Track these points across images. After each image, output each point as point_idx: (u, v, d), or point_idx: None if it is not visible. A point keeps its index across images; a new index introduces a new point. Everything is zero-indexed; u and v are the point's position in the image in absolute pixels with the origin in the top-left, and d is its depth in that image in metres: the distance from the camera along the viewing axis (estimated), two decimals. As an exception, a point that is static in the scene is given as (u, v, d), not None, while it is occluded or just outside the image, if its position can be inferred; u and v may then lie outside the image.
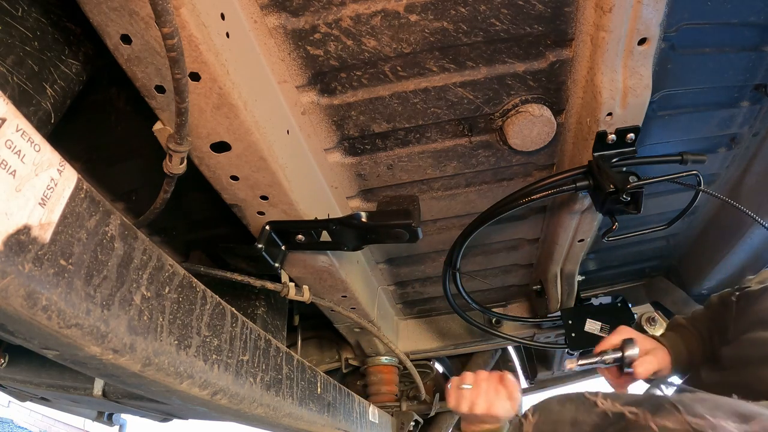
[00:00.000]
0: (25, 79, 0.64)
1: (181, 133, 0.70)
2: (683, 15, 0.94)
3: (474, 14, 0.85)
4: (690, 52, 1.03)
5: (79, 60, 0.73)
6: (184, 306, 0.62)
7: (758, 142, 1.34)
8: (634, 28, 0.87)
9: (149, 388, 0.60)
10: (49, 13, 0.68)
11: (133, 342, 0.51)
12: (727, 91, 1.16)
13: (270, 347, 0.85)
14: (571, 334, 1.67)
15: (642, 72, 0.95)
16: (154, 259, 0.57)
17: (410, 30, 0.87)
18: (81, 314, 0.44)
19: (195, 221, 1.34)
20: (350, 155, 1.12)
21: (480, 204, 1.28)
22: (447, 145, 1.11)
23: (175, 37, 0.56)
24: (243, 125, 0.77)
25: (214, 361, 0.66)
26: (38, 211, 0.41)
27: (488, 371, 1.12)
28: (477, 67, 0.95)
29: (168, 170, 0.77)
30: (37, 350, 0.47)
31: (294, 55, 0.88)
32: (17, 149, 0.39)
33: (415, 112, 1.02)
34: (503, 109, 1.03)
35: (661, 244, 1.80)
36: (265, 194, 0.94)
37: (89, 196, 0.47)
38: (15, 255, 0.38)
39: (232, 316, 0.74)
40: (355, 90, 0.96)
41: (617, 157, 1.07)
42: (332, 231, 1.02)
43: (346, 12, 0.83)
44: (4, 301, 0.38)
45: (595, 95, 0.96)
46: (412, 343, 2.02)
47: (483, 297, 1.89)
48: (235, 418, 0.84)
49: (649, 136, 1.18)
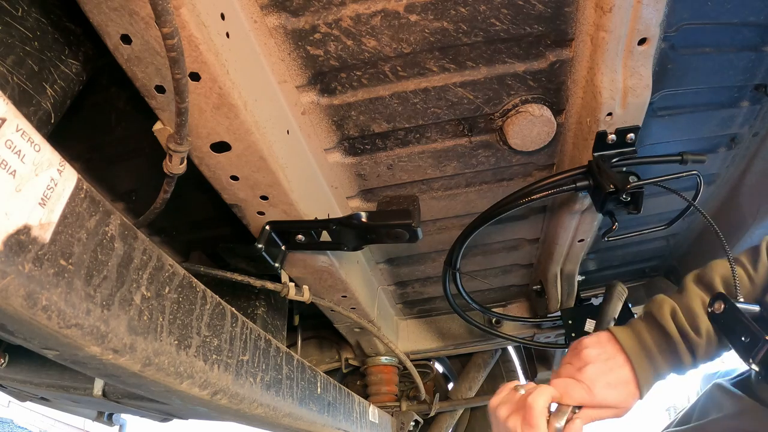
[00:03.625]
0: (25, 79, 0.64)
1: (181, 133, 0.70)
2: (683, 15, 0.94)
3: (474, 14, 0.85)
4: (690, 52, 1.03)
5: (79, 60, 0.73)
6: (184, 306, 0.62)
7: (758, 142, 1.34)
8: (634, 28, 0.87)
9: (149, 388, 0.60)
10: (49, 13, 0.68)
11: (133, 342, 0.51)
12: (727, 91, 1.16)
13: (270, 347, 0.85)
14: (571, 334, 1.67)
15: (642, 72, 0.95)
16: (154, 259, 0.57)
17: (410, 30, 0.87)
18: (81, 314, 0.44)
19: (195, 221, 1.34)
20: (350, 155, 1.12)
21: (480, 204, 1.28)
22: (447, 145, 1.11)
23: (175, 37, 0.56)
24: (243, 125, 0.77)
25: (214, 361, 0.66)
26: (38, 211, 0.41)
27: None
28: (477, 67, 0.95)
29: (168, 170, 0.77)
30: (37, 350, 0.47)
31: (294, 55, 0.88)
32: (17, 149, 0.39)
33: (415, 112, 1.02)
34: (503, 109, 1.03)
35: (661, 244, 1.80)
36: (265, 194, 0.94)
37: (89, 196, 0.47)
38: (15, 255, 0.38)
39: (232, 316, 0.74)
40: (355, 90, 0.96)
41: (617, 157, 1.07)
42: (332, 231, 1.02)
43: (346, 12, 0.83)
44: (4, 301, 0.38)
45: (595, 95, 0.96)
46: (412, 343, 2.02)
47: (483, 297, 1.89)
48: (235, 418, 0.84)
49: (649, 136, 1.18)
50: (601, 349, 0.99)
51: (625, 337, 0.99)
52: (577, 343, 1.04)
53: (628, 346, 0.97)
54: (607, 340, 1.01)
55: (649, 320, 1.00)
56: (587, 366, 0.97)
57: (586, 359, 0.98)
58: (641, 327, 1.00)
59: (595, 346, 1.00)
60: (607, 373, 0.96)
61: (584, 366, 0.97)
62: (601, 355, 0.98)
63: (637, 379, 0.95)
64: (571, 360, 1.02)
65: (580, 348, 1.02)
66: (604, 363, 0.97)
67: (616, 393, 0.94)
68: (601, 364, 0.97)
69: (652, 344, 0.96)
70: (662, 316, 0.97)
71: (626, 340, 0.98)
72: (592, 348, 1.00)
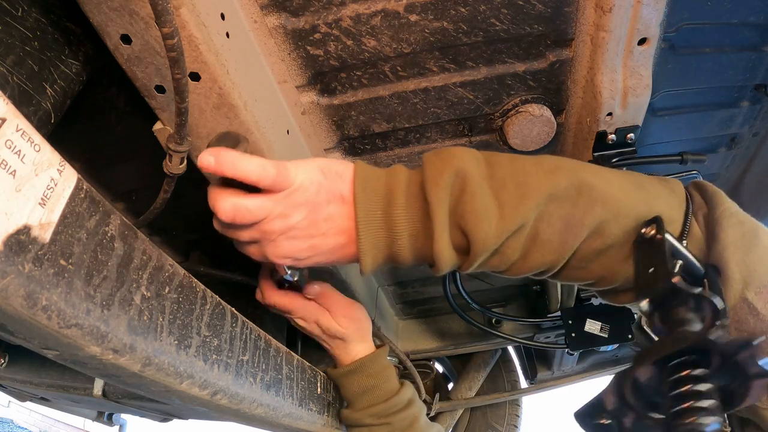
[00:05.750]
0: (25, 79, 0.64)
1: (181, 133, 0.70)
2: (683, 15, 0.94)
3: (474, 14, 0.85)
4: (690, 52, 1.03)
5: (79, 60, 0.73)
6: (184, 306, 0.62)
7: (758, 142, 1.34)
8: (634, 28, 0.87)
9: (149, 388, 0.60)
10: (49, 13, 0.68)
11: (133, 342, 0.51)
12: (727, 91, 1.16)
13: (270, 347, 0.85)
14: (571, 334, 1.67)
15: (642, 72, 0.95)
16: (154, 259, 0.57)
17: (410, 30, 0.87)
18: (81, 314, 0.44)
19: (195, 221, 1.34)
20: (350, 155, 1.12)
21: (480, 204, 1.28)
22: (447, 145, 1.11)
23: (175, 37, 0.56)
24: (243, 125, 0.78)
25: (214, 361, 0.66)
26: (38, 211, 0.41)
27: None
28: (477, 67, 0.95)
29: (168, 170, 0.77)
30: (37, 350, 0.47)
31: (294, 55, 0.88)
32: (17, 149, 0.39)
33: (415, 112, 1.02)
34: (503, 109, 1.03)
35: (661, 244, 1.79)
36: (265, 194, 0.94)
37: (89, 196, 0.47)
38: (15, 255, 0.38)
39: (232, 316, 0.74)
40: (355, 90, 0.96)
41: (617, 157, 1.07)
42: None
43: (346, 12, 0.83)
44: (4, 301, 0.38)
45: (595, 95, 0.97)
46: (412, 343, 2.02)
47: (483, 297, 1.89)
48: (235, 418, 0.84)
49: (649, 136, 1.18)
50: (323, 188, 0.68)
51: (366, 189, 0.67)
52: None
53: (362, 202, 0.67)
54: (337, 177, 0.69)
55: (415, 182, 0.68)
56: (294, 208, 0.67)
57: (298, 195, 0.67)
58: (399, 186, 0.68)
59: (314, 177, 0.68)
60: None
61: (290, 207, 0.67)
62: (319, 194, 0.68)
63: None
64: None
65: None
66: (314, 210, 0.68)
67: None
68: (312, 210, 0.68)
69: (401, 220, 0.66)
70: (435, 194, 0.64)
71: (364, 194, 0.67)
72: (314, 180, 0.67)
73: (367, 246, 0.67)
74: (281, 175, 0.66)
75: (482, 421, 2.45)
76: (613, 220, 0.67)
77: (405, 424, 1.02)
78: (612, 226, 0.67)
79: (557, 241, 0.67)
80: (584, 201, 0.66)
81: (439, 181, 0.64)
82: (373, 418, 1.01)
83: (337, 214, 0.68)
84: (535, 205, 0.65)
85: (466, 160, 0.66)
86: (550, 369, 2.33)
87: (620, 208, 0.67)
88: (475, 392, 2.28)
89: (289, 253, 0.70)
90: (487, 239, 0.63)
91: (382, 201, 0.67)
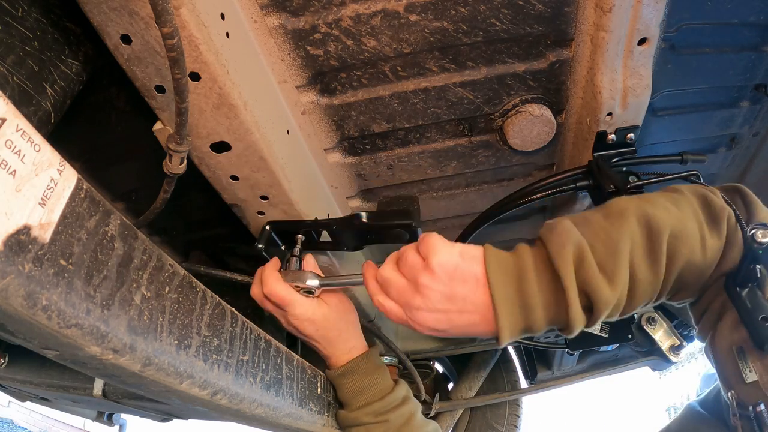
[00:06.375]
0: (25, 79, 0.64)
1: (181, 133, 0.70)
2: (683, 15, 0.94)
3: (474, 14, 0.85)
4: (690, 52, 1.03)
5: (79, 60, 0.73)
6: (184, 306, 0.62)
7: (758, 142, 1.34)
8: (634, 28, 0.87)
9: (149, 388, 0.60)
10: (49, 13, 0.68)
11: (133, 342, 0.51)
12: (727, 91, 1.16)
13: (270, 347, 0.85)
14: (571, 334, 1.67)
15: (642, 72, 0.95)
16: (154, 259, 0.57)
17: (410, 30, 0.87)
18: (81, 314, 0.44)
19: (195, 221, 1.34)
20: (350, 155, 1.12)
21: (480, 204, 1.28)
22: (447, 145, 1.11)
23: (175, 37, 0.56)
24: (243, 125, 0.78)
25: (214, 361, 0.66)
26: (38, 211, 0.41)
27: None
28: (477, 67, 0.95)
29: (168, 170, 0.77)
30: (37, 350, 0.47)
31: (294, 55, 0.88)
32: (17, 149, 0.39)
33: (415, 112, 1.02)
34: (503, 109, 1.03)
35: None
36: (265, 194, 0.94)
37: (89, 196, 0.47)
38: (15, 255, 0.38)
39: (232, 316, 0.74)
40: (355, 90, 0.96)
41: (617, 157, 1.07)
42: (332, 231, 1.02)
43: (346, 12, 0.83)
44: (4, 301, 0.38)
45: (595, 95, 0.97)
46: (412, 343, 2.02)
47: (483, 297, 1.89)
48: (235, 418, 0.84)
49: (649, 136, 1.18)
50: (458, 267, 0.73)
51: (498, 270, 0.71)
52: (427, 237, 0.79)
53: (498, 283, 0.70)
54: (472, 260, 0.73)
55: (541, 259, 0.72)
56: (427, 282, 0.73)
57: (432, 270, 0.73)
58: (527, 265, 0.71)
59: (452, 260, 0.73)
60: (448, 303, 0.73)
61: (421, 278, 0.74)
62: (454, 274, 0.72)
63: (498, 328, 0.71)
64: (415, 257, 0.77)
65: (429, 247, 0.76)
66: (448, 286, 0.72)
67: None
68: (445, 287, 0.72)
69: (535, 294, 0.70)
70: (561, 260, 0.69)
71: (497, 276, 0.71)
72: (449, 261, 0.73)
73: (505, 322, 0.72)
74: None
75: (482, 421, 2.45)
76: (674, 239, 0.73)
77: (402, 420, 1.03)
78: (678, 245, 0.74)
79: (650, 277, 0.73)
80: (654, 233, 0.73)
81: (564, 254, 0.70)
82: (371, 416, 1.01)
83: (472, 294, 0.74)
84: (627, 253, 0.71)
85: (576, 232, 0.73)
86: (550, 369, 2.33)
87: (681, 229, 0.73)
88: (475, 392, 2.28)
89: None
90: (609, 299, 0.70)
91: (514, 280, 0.72)
